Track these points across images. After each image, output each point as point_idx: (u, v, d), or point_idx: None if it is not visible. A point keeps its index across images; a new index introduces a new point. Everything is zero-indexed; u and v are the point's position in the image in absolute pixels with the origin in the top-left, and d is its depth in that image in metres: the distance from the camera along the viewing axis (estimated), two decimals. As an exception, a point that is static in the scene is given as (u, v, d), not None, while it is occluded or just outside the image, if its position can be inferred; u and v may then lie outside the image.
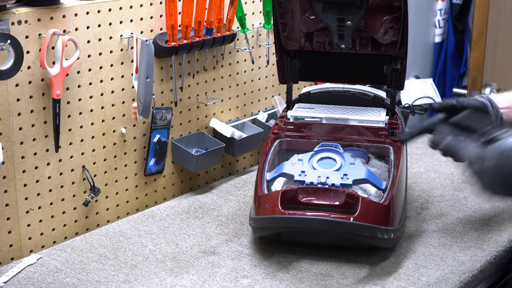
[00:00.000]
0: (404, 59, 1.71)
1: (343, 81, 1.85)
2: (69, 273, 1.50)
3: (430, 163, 2.10)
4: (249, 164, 2.15)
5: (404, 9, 1.59)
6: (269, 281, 1.47)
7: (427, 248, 1.60)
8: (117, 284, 1.46)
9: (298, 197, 1.51)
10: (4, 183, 1.56)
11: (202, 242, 1.63)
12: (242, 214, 1.77)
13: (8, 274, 1.49)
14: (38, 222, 1.64)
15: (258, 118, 2.10)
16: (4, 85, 1.51)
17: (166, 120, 1.85)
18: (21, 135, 1.56)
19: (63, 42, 1.56)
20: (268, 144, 1.70)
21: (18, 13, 1.50)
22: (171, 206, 1.83)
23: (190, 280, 1.47)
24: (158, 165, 1.87)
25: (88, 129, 1.70)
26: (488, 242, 1.63)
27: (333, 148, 1.60)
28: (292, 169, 1.56)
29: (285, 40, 1.73)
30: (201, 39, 1.83)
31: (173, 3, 1.73)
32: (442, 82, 3.44)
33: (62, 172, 1.66)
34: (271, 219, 1.49)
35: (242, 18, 1.95)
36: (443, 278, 1.48)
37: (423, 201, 1.84)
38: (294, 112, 1.76)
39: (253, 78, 2.11)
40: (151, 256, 1.57)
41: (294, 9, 1.67)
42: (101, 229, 1.70)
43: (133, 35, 1.72)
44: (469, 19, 3.53)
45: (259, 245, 1.61)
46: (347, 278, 1.47)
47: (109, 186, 1.78)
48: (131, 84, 1.76)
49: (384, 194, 1.53)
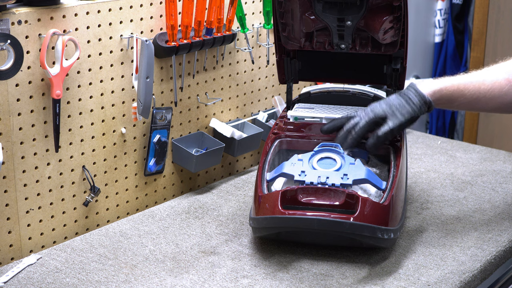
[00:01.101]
0: (404, 59, 1.71)
1: (343, 81, 1.85)
2: (69, 273, 1.50)
3: (430, 163, 2.10)
4: (249, 164, 2.15)
5: (404, 9, 1.59)
6: (269, 281, 1.47)
7: (427, 248, 1.60)
8: (117, 284, 1.46)
9: (298, 197, 1.51)
10: (4, 183, 1.56)
11: (202, 242, 1.63)
12: (242, 214, 1.77)
13: (8, 274, 1.49)
14: (38, 222, 1.64)
15: (258, 118, 2.10)
16: (4, 85, 1.51)
17: (166, 120, 1.85)
18: (21, 135, 1.57)
19: (63, 42, 1.56)
20: (268, 144, 1.70)
21: (18, 13, 1.50)
22: (171, 206, 1.83)
23: (190, 280, 1.47)
24: (158, 165, 1.87)
25: (88, 129, 1.70)
26: (488, 242, 1.63)
27: (333, 148, 1.60)
28: (292, 169, 1.56)
29: (285, 40, 1.73)
30: (201, 39, 1.83)
31: (173, 3, 1.73)
32: (442, 82, 3.43)
33: (62, 172, 1.66)
34: (271, 219, 1.49)
35: (242, 18, 1.95)
36: (443, 278, 1.48)
37: (423, 201, 1.84)
38: (294, 112, 1.76)
39: (253, 78, 2.11)
40: (151, 256, 1.57)
41: (294, 9, 1.67)
42: (101, 229, 1.70)
43: (133, 35, 1.72)
44: (469, 19, 3.53)
45: (259, 245, 1.61)
46: (347, 278, 1.47)
47: (109, 186, 1.78)
48: (131, 84, 1.76)
49: (384, 194, 1.53)
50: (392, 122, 1.56)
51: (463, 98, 1.60)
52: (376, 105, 1.58)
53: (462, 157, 2.15)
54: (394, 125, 1.55)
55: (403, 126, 1.57)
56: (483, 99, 1.60)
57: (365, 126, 1.57)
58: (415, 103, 1.56)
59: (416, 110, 1.56)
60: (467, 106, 1.64)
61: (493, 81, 1.59)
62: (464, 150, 2.21)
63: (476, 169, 2.05)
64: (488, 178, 1.99)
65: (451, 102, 1.61)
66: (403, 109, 1.56)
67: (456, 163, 2.11)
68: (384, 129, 1.56)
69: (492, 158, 2.14)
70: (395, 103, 1.57)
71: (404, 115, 1.56)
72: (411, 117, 1.57)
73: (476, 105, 1.62)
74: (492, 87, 1.59)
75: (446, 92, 1.59)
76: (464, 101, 1.60)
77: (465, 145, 2.25)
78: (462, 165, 2.09)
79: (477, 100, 1.60)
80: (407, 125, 1.58)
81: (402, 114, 1.56)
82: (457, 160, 2.12)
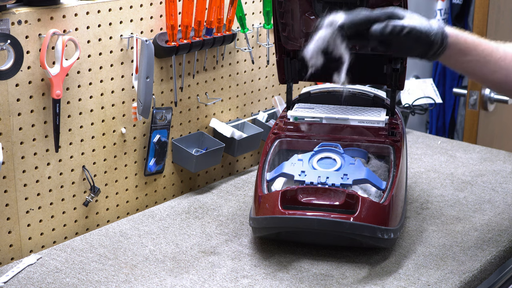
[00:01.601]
0: (404, 59, 1.71)
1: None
2: (69, 273, 1.50)
3: (430, 163, 2.10)
4: (249, 164, 2.15)
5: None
6: (269, 281, 1.47)
7: (427, 248, 1.60)
8: (117, 284, 1.46)
9: (298, 197, 1.51)
10: (4, 183, 1.56)
11: (202, 242, 1.63)
12: (242, 214, 1.77)
13: (8, 274, 1.49)
14: (38, 222, 1.64)
15: (258, 118, 2.10)
16: (4, 85, 1.51)
17: (166, 120, 1.85)
18: (21, 135, 1.57)
19: (63, 42, 1.56)
20: (268, 144, 1.70)
21: (18, 13, 1.50)
22: (171, 206, 1.83)
23: (190, 280, 1.47)
24: (158, 165, 1.87)
25: (88, 129, 1.70)
26: (488, 242, 1.63)
27: (333, 148, 1.60)
28: (292, 169, 1.56)
29: (285, 40, 1.73)
30: (201, 39, 1.83)
31: (173, 3, 1.73)
32: (442, 82, 3.44)
33: (62, 172, 1.66)
34: (271, 219, 1.49)
35: (242, 18, 1.95)
36: (443, 278, 1.48)
37: (423, 201, 1.84)
38: (294, 112, 1.76)
39: (253, 78, 2.11)
40: (151, 256, 1.57)
41: (294, 9, 1.67)
42: (101, 229, 1.70)
43: (133, 35, 1.72)
44: (469, 19, 3.53)
45: (259, 245, 1.61)
46: (347, 278, 1.47)
47: (109, 186, 1.78)
48: (131, 84, 1.76)
49: (384, 194, 1.53)
50: (408, 22, 1.38)
51: (476, 54, 1.47)
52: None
53: (462, 157, 2.15)
54: (409, 24, 1.37)
55: (417, 35, 1.38)
56: (492, 65, 1.49)
57: (379, 13, 1.39)
58: (434, 27, 1.41)
59: (433, 33, 1.39)
60: (475, 66, 1.50)
61: (506, 51, 1.50)
62: (464, 150, 2.21)
63: (476, 169, 2.05)
64: (488, 178, 1.99)
65: (463, 54, 1.47)
66: (422, 21, 1.41)
67: (456, 163, 2.11)
68: (397, 22, 1.37)
69: (492, 158, 2.14)
70: (415, 14, 1.41)
71: (422, 25, 1.38)
72: (426, 33, 1.39)
73: (484, 68, 1.50)
74: (504, 56, 1.49)
75: (462, 39, 1.45)
76: (475, 58, 1.47)
77: (465, 145, 2.25)
78: (462, 165, 2.09)
79: (486, 63, 1.48)
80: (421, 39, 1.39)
81: (420, 23, 1.38)
82: (457, 160, 2.12)
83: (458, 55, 1.46)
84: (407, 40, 1.38)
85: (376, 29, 1.37)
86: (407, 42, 1.39)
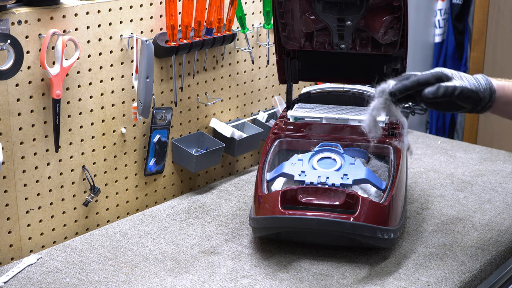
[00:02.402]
0: (404, 59, 1.71)
1: (343, 81, 1.86)
2: (69, 273, 1.50)
3: (430, 163, 2.10)
4: (249, 164, 2.15)
5: (404, 9, 1.59)
6: (269, 281, 1.47)
7: (427, 248, 1.60)
8: (117, 284, 1.46)
9: (298, 197, 1.51)
10: (4, 183, 1.56)
11: (202, 242, 1.63)
12: (242, 214, 1.77)
13: (8, 274, 1.49)
14: (38, 222, 1.64)
15: (258, 118, 2.10)
16: (4, 85, 1.51)
17: (166, 120, 1.85)
18: (21, 135, 1.57)
19: (63, 42, 1.56)
20: (268, 144, 1.70)
21: (18, 13, 1.50)
22: (171, 206, 1.83)
23: (190, 280, 1.47)
24: (158, 165, 1.87)
25: (88, 129, 1.70)
26: (488, 242, 1.63)
27: (333, 148, 1.60)
28: (292, 169, 1.56)
29: (285, 40, 1.73)
30: (201, 39, 1.84)
31: (173, 3, 1.73)
32: (442, 82, 3.43)
33: (62, 172, 1.66)
34: (271, 219, 1.49)
35: (242, 18, 1.95)
36: (443, 278, 1.48)
37: (423, 201, 1.84)
38: (294, 112, 1.76)
39: (253, 78, 2.11)
40: (151, 256, 1.57)
41: (294, 9, 1.67)
42: (101, 229, 1.70)
43: (133, 35, 1.72)
44: (469, 19, 3.53)
45: (259, 245, 1.61)
46: (347, 278, 1.47)
47: (109, 186, 1.78)
48: (131, 84, 1.76)
49: (384, 194, 1.53)
50: (458, 82, 1.40)
51: None
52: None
53: (462, 157, 2.15)
54: (460, 85, 1.39)
55: (467, 94, 1.40)
56: None
57: (429, 76, 1.41)
58: (481, 83, 1.43)
59: (482, 90, 1.42)
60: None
61: None
62: (464, 150, 2.21)
63: (476, 169, 2.05)
64: (488, 178, 1.99)
65: (509, 104, 1.48)
66: (470, 80, 1.43)
67: (456, 163, 2.11)
68: (448, 83, 1.40)
69: (492, 158, 2.14)
70: (462, 73, 1.44)
71: (471, 85, 1.41)
72: (476, 91, 1.41)
73: None
74: None
75: (509, 90, 1.46)
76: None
77: (465, 145, 2.25)
78: (462, 165, 2.09)
79: None
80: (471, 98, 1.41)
81: (469, 82, 1.41)
82: (457, 160, 2.12)
83: (505, 105, 1.48)
84: (458, 99, 1.41)
85: (430, 92, 1.40)
86: (458, 101, 1.42)
